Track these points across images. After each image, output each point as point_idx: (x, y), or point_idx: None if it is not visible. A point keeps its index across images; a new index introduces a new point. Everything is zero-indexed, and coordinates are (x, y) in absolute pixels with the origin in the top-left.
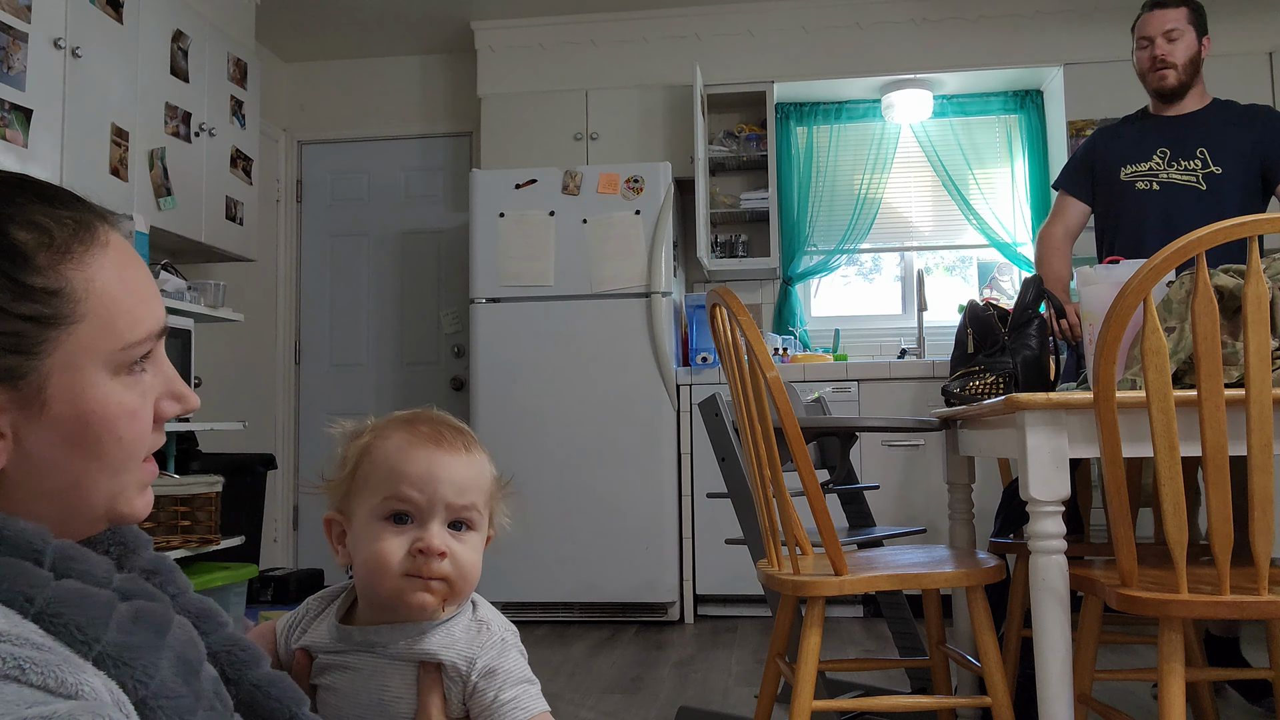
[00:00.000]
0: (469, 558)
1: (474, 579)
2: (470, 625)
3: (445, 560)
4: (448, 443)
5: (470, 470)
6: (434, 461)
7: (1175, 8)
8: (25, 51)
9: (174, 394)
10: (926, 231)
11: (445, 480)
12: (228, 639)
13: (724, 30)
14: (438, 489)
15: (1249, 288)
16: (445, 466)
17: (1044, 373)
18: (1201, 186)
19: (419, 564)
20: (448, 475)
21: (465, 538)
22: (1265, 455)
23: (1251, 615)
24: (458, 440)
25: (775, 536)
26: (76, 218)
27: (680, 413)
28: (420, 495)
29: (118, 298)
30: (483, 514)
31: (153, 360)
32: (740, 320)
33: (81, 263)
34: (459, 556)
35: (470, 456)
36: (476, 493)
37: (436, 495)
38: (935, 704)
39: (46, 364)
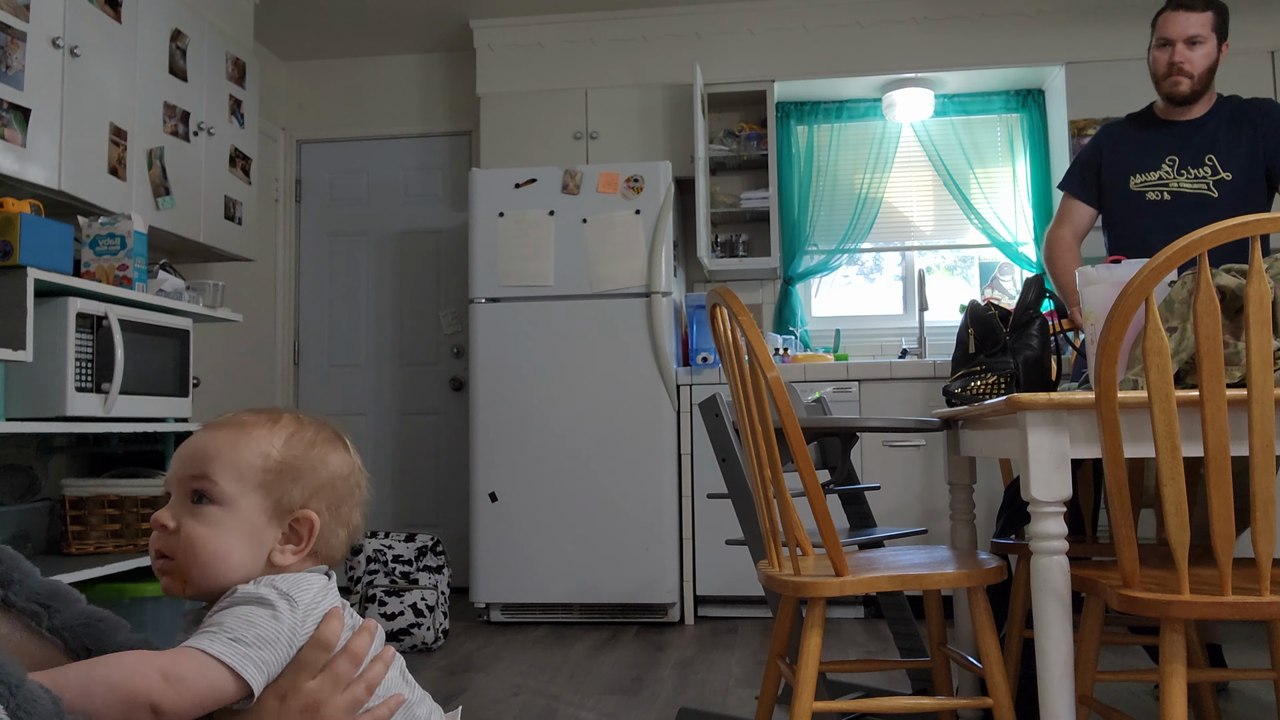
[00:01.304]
0: (198, 532)
1: (207, 559)
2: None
3: (170, 536)
4: (217, 422)
5: (211, 442)
6: (190, 441)
7: (1201, 11)
8: (24, 51)
9: None
10: (927, 231)
11: (186, 455)
12: (82, 614)
13: (724, 29)
14: (177, 464)
15: (1251, 288)
16: (192, 443)
17: (1045, 373)
18: (1213, 194)
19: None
20: (190, 450)
21: (202, 511)
22: (1267, 455)
23: (1253, 616)
24: (228, 417)
25: (776, 537)
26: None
27: (680, 413)
28: (169, 473)
29: None
30: (232, 490)
31: None
32: (741, 320)
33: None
34: (186, 530)
35: (219, 430)
36: (213, 463)
37: (175, 471)
38: (936, 705)
39: None
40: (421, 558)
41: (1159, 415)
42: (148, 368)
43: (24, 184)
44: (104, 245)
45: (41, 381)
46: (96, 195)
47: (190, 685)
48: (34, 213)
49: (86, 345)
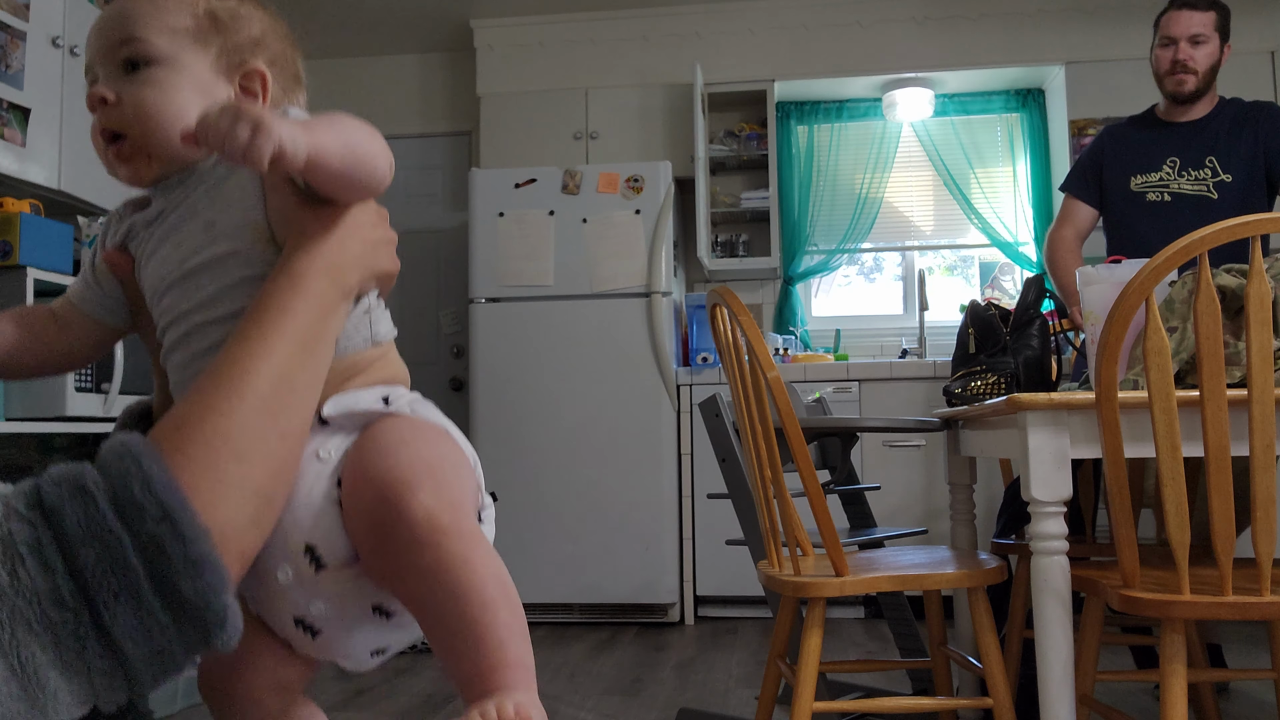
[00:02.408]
0: (145, 95)
1: (164, 121)
2: None
3: (115, 110)
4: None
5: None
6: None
7: (1204, 10)
8: (24, 50)
9: None
10: (928, 231)
11: (101, 28)
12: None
13: (724, 29)
14: (94, 41)
15: (1251, 287)
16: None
17: (1046, 373)
18: (1213, 195)
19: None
20: (103, 22)
21: (141, 75)
22: (1267, 455)
23: (1253, 616)
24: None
25: (776, 537)
26: None
27: (680, 413)
28: (88, 58)
29: None
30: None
31: None
32: (741, 320)
33: None
34: (131, 98)
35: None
36: (139, 23)
37: (93, 46)
38: (936, 705)
39: None
40: None
41: (1159, 415)
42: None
43: (24, 184)
44: None
45: (41, 381)
46: (96, 195)
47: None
48: (34, 213)
49: None
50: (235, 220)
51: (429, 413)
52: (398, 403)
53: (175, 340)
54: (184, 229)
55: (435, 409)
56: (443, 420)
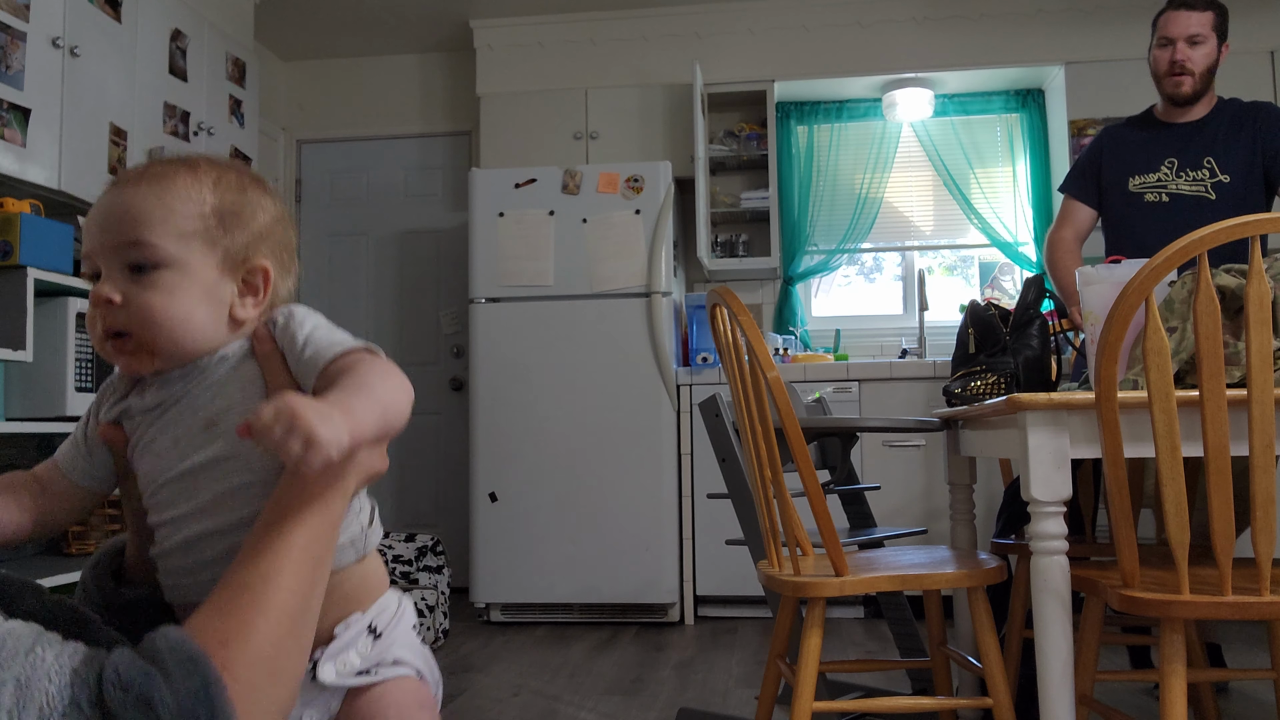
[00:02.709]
0: (152, 300)
1: (170, 325)
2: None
3: (121, 311)
4: (121, 179)
5: (137, 201)
6: (100, 204)
7: (1202, 11)
8: (23, 51)
9: None
10: (928, 231)
11: (106, 221)
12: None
13: (724, 29)
14: (97, 233)
15: (1251, 288)
16: (107, 206)
17: (1045, 373)
18: (1211, 196)
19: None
20: (109, 215)
21: (149, 279)
22: (1267, 455)
23: (1253, 616)
24: (134, 173)
25: (776, 537)
26: None
27: (680, 413)
28: (88, 245)
29: None
30: (176, 249)
31: None
32: (741, 320)
33: None
34: (136, 301)
35: (139, 186)
36: (147, 225)
37: (97, 240)
38: (936, 705)
39: None
40: (421, 558)
41: (1159, 415)
42: None
43: (24, 184)
44: None
45: (42, 381)
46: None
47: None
48: (34, 213)
49: (86, 345)
50: (237, 422)
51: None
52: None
53: (175, 545)
54: (183, 424)
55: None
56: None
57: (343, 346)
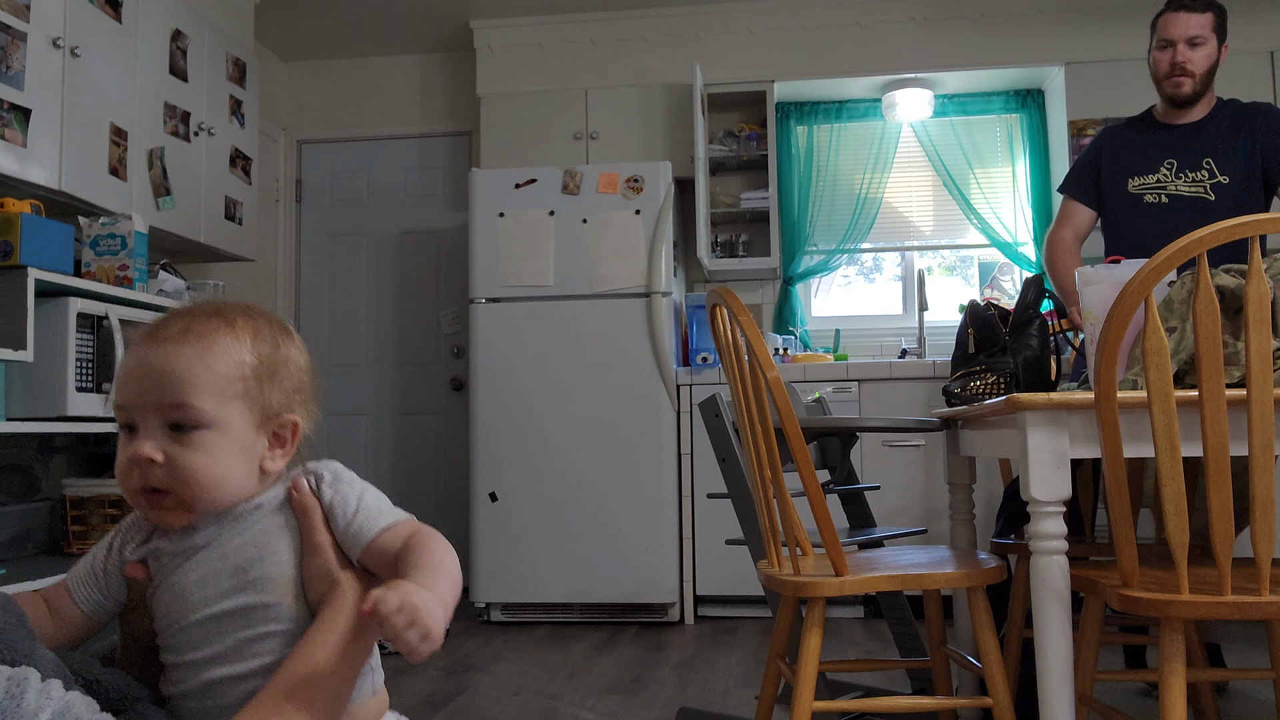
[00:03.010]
0: (193, 461)
1: (210, 485)
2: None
3: (161, 469)
4: (161, 334)
5: (180, 363)
6: (139, 359)
7: (1202, 12)
8: (24, 51)
9: None
10: (927, 231)
11: (148, 380)
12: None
13: (724, 29)
14: (139, 391)
15: (1250, 288)
16: (148, 363)
17: (1045, 373)
18: (1210, 197)
19: (136, 476)
20: (151, 374)
21: (191, 439)
22: (1266, 455)
23: (1253, 616)
24: (174, 328)
25: (776, 537)
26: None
27: (680, 413)
28: (126, 399)
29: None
30: (217, 410)
31: None
32: (740, 320)
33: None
34: (178, 461)
35: (183, 346)
36: (192, 387)
37: (138, 398)
38: (936, 705)
39: None
40: None
41: (1158, 415)
42: None
43: (24, 184)
44: (104, 245)
45: (42, 381)
46: (97, 195)
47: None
48: (34, 213)
49: (87, 345)
50: (268, 573)
51: None
52: None
53: (193, 688)
54: (212, 567)
55: None
56: None
57: (393, 517)
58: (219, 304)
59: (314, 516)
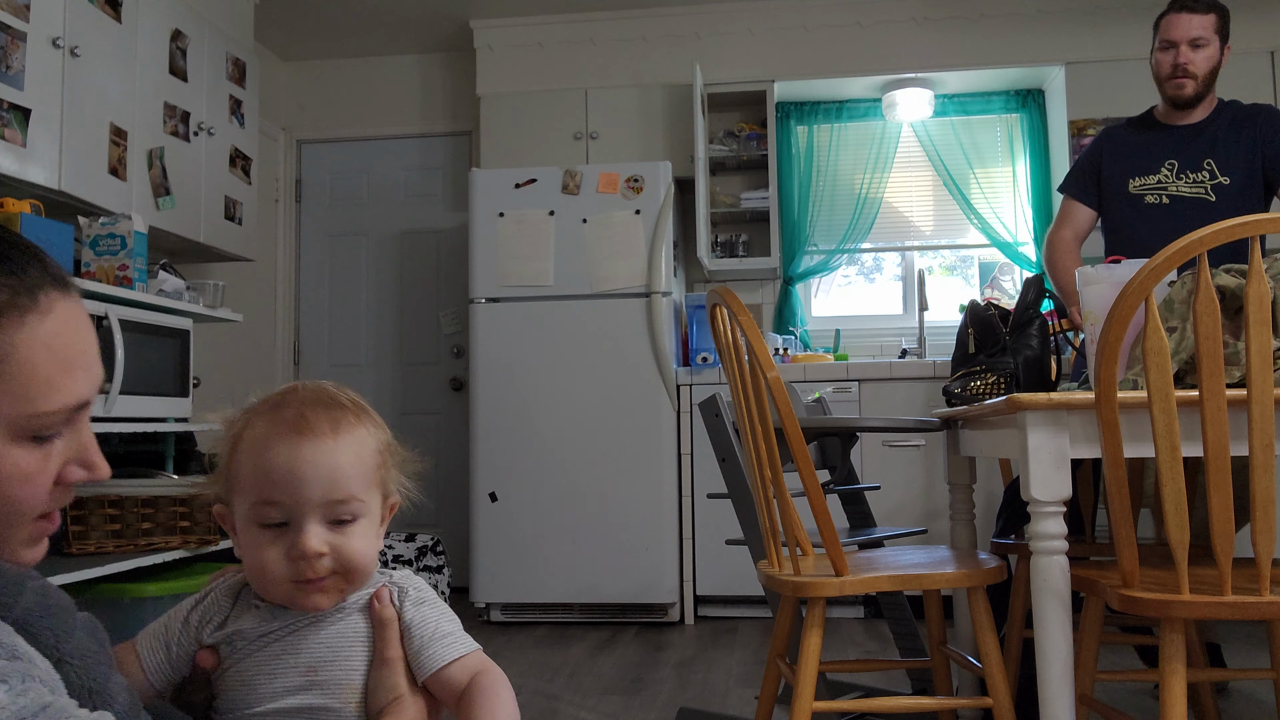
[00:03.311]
0: (356, 547)
1: (369, 564)
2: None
3: (327, 558)
4: (312, 429)
5: (341, 458)
6: (296, 457)
7: (1204, 14)
8: (24, 51)
9: (84, 461)
10: (927, 231)
11: (312, 479)
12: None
13: (724, 29)
14: (303, 490)
15: (1250, 288)
16: (310, 461)
17: (1045, 373)
18: (1211, 198)
19: (301, 569)
20: (314, 472)
21: (349, 530)
22: (1267, 455)
23: (1253, 616)
24: (323, 423)
25: (776, 537)
26: (15, 284)
27: (680, 413)
28: (286, 497)
29: (37, 366)
30: (368, 498)
31: (72, 425)
32: (741, 320)
33: (10, 328)
34: (343, 550)
35: (338, 441)
36: (352, 481)
37: (303, 496)
38: (936, 705)
39: None
40: (421, 558)
41: (1158, 415)
42: (148, 368)
43: (24, 184)
44: (104, 245)
45: None
46: (97, 195)
47: None
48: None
49: None
50: (337, 676)
51: None
52: None
53: None
54: (283, 662)
55: None
56: None
57: (465, 648)
58: (329, 391)
59: (391, 630)
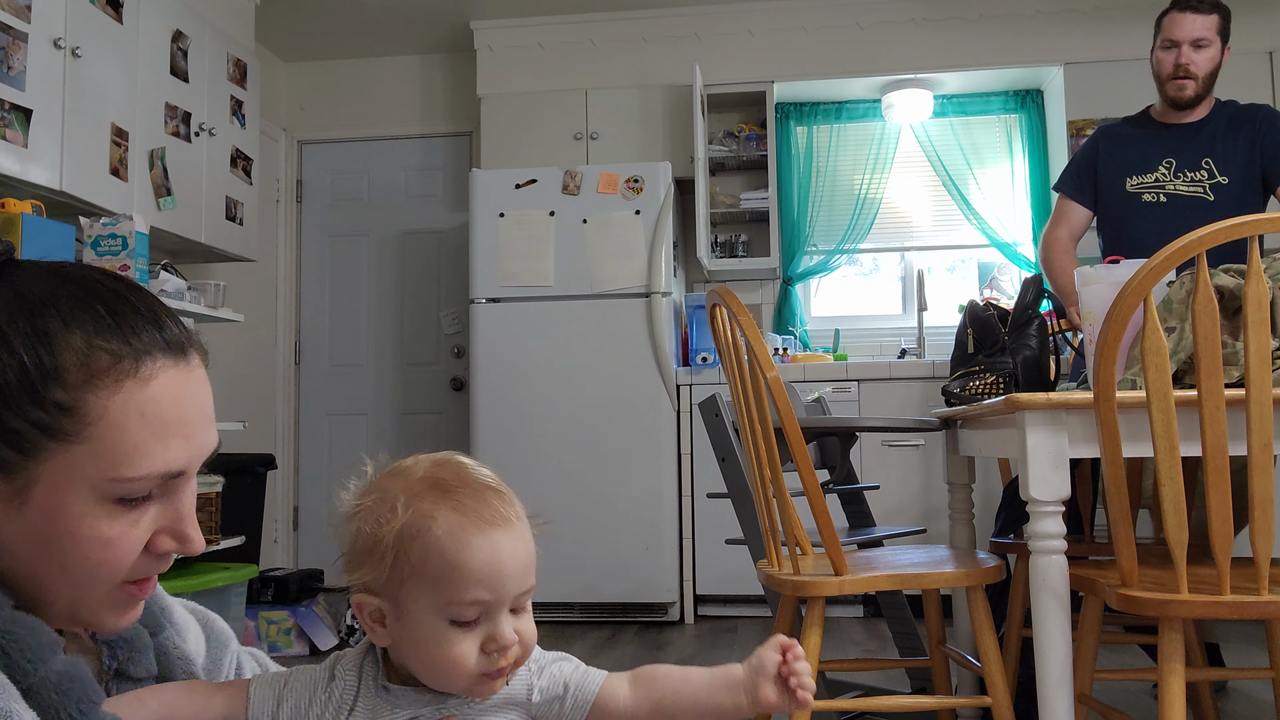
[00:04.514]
0: (529, 630)
1: (532, 648)
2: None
3: (517, 646)
4: (505, 521)
5: (528, 546)
6: (498, 552)
7: (1207, 14)
8: (25, 51)
9: (176, 533)
10: (926, 231)
11: (513, 574)
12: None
13: (724, 30)
14: (506, 584)
15: (1249, 288)
16: (510, 555)
17: (1044, 373)
18: (1209, 197)
19: (495, 661)
20: (513, 565)
21: (524, 611)
22: (1265, 455)
23: (1251, 615)
24: (509, 513)
25: (775, 536)
26: (120, 349)
27: (680, 413)
28: (491, 595)
29: (127, 431)
30: None
31: (167, 494)
32: (740, 320)
33: (106, 390)
34: (525, 635)
35: (521, 526)
36: (533, 566)
37: (505, 591)
38: (935, 704)
39: (37, 470)
40: None
41: (1157, 415)
42: None
43: (25, 184)
44: (105, 246)
45: None
46: (98, 196)
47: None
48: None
49: None
50: None
51: None
52: None
53: None
54: None
55: None
56: None
57: (600, 673)
58: (483, 471)
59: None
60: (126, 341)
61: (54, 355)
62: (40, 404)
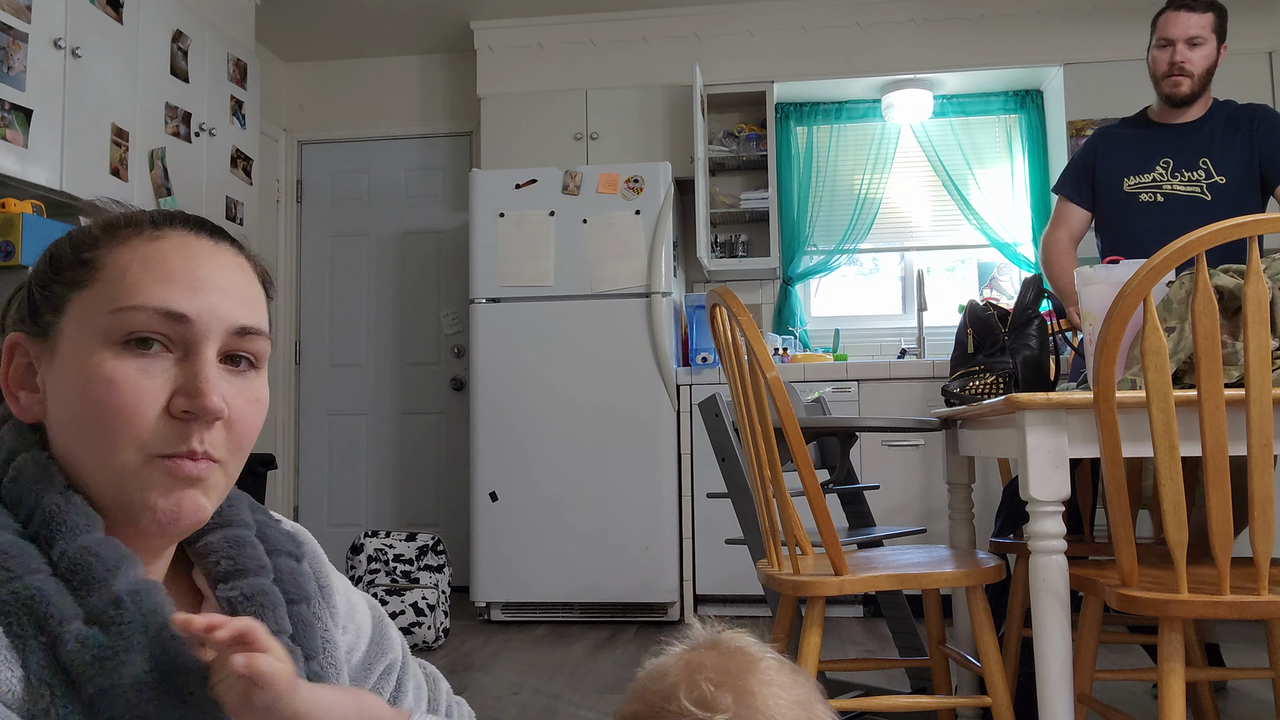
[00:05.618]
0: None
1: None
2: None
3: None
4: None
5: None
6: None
7: (1202, 12)
8: (25, 51)
9: (190, 389)
10: (926, 231)
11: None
12: None
13: (724, 30)
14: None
15: (1249, 288)
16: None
17: (1044, 373)
18: (1206, 197)
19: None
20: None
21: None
22: (1265, 455)
23: (1251, 615)
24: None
25: (775, 536)
26: (140, 218)
27: (680, 413)
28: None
29: (130, 269)
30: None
31: (184, 353)
32: (740, 320)
33: (118, 243)
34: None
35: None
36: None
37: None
38: (935, 704)
39: (62, 323)
40: (422, 557)
41: (1157, 415)
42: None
43: (26, 185)
44: None
45: None
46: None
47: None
48: (36, 213)
49: None
50: None
51: None
52: None
53: None
54: None
55: None
56: None
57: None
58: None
59: None
60: (151, 217)
61: (91, 226)
62: (74, 265)
